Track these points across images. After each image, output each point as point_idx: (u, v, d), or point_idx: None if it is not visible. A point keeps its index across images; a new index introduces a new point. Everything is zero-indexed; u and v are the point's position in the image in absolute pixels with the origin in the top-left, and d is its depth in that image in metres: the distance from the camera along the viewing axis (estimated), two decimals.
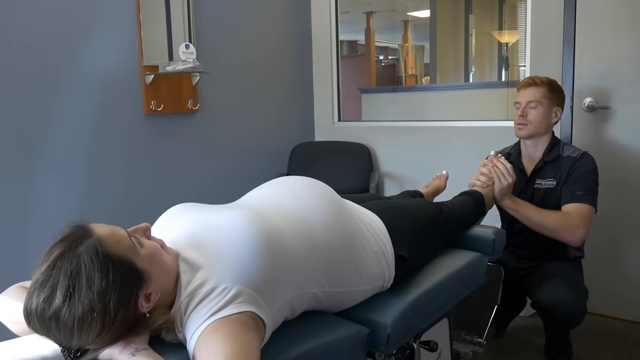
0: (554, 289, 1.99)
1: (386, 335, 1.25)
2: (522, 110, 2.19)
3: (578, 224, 2.04)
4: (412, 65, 6.72)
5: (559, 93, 2.21)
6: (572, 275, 2.12)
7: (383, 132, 3.34)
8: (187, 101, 2.72)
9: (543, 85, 2.17)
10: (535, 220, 2.07)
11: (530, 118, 2.17)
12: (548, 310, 1.99)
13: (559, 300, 1.94)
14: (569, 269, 2.15)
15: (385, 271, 1.36)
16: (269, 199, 1.30)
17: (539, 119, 2.17)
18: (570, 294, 1.96)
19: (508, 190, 2.06)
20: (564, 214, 2.08)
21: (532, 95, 2.17)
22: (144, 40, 2.50)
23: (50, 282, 0.87)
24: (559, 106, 2.20)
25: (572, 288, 2.01)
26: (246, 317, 0.97)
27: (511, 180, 2.04)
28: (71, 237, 0.91)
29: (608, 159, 2.51)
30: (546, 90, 2.17)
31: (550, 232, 2.07)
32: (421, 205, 1.68)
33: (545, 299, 1.98)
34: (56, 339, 0.90)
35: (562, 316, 1.96)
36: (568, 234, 2.06)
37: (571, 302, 1.95)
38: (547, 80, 2.19)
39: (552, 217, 2.07)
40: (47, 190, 2.21)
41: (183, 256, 1.07)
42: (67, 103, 2.26)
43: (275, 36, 3.29)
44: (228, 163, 3.00)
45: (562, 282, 2.03)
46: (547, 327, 2.23)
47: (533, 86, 2.18)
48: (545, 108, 2.17)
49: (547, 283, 2.04)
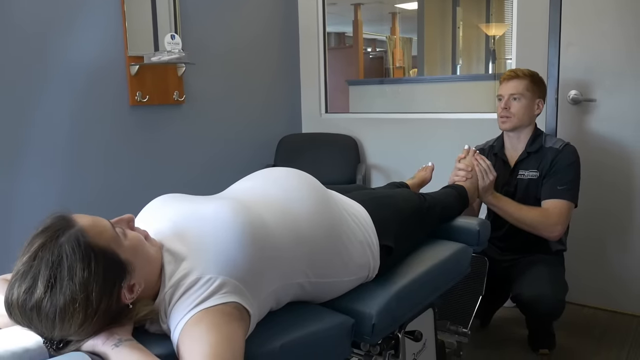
0: (533, 283, 2.03)
1: (371, 325, 1.26)
2: (505, 103, 2.20)
3: (556, 222, 2.08)
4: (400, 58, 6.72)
5: (540, 85, 2.23)
6: (553, 269, 2.15)
7: (370, 124, 3.34)
8: (173, 92, 2.70)
9: (525, 78, 2.19)
10: (515, 217, 2.11)
11: (513, 110, 2.19)
12: (527, 304, 2.02)
13: (538, 294, 1.98)
14: (550, 262, 2.18)
15: (370, 261, 1.37)
16: (254, 190, 1.30)
17: (522, 111, 2.18)
18: (549, 289, 2.00)
19: (490, 186, 2.08)
20: (542, 211, 2.11)
21: (514, 87, 2.19)
22: (128, 30, 2.48)
23: (31, 272, 0.86)
24: (541, 98, 2.22)
25: (552, 282, 2.04)
26: (230, 308, 0.97)
27: (492, 178, 2.07)
28: (53, 227, 0.90)
29: (592, 152, 2.54)
30: (528, 83, 2.18)
31: (529, 228, 2.11)
32: (405, 195, 1.68)
33: (525, 293, 2.01)
34: (38, 330, 0.89)
35: (541, 310, 2.00)
36: (546, 231, 2.11)
37: (549, 296, 1.98)
38: (529, 73, 2.21)
39: (531, 214, 2.10)
40: (28, 183, 2.18)
41: (167, 247, 1.06)
42: (49, 93, 2.23)
43: (262, 28, 3.27)
44: (214, 155, 2.99)
45: (541, 276, 2.06)
46: (529, 319, 2.27)
47: (515, 79, 2.20)
48: (528, 100, 2.19)
49: (527, 277, 2.07)
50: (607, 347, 2.30)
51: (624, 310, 2.62)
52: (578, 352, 2.27)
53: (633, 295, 2.60)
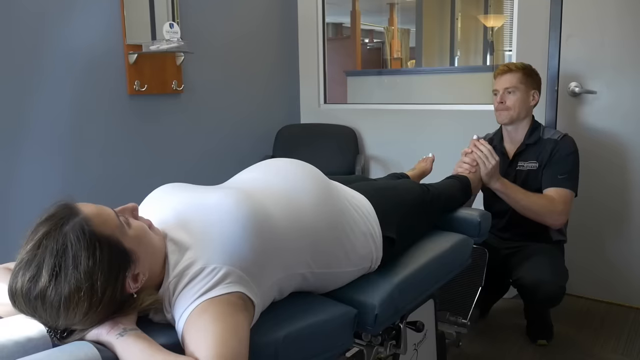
0: (534, 268, 2.05)
1: (374, 315, 1.26)
2: (501, 97, 2.23)
3: (562, 210, 2.10)
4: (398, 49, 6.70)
5: (534, 76, 2.25)
6: (554, 256, 2.18)
7: (369, 115, 3.33)
8: (172, 81, 2.68)
9: (518, 71, 2.21)
10: (523, 204, 2.11)
11: (509, 104, 2.21)
12: (527, 288, 2.04)
13: (538, 279, 2.00)
14: (551, 251, 2.20)
15: (373, 252, 1.37)
16: (257, 180, 1.29)
17: (518, 104, 2.21)
18: (549, 274, 2.02)
19: (494, 171, 2.08)
20: (550, 199, 2.11)
21: (508, 81, 2.21)
22: (126, 18, 2.45)
23: (35, 261, 0.86)
24: (535, 89, 2.24)
25: (552, 268, 2.07)
26: (235, 298, 0.97)
27: (494, 162, 2.06)
28: (57, 215, 0.89)
29: (591, 143, 2.55)
30: (521, 75, 2.20)
31: (534, 215, 2.11)
32: (408, 187, 1.68)
33: (525, 278, 2.03)
34: (42, 319, 0.88)
35: (540, 295, 2.01)
36: (552, 218, 2.12)
37: (550, 282, 2.00)
38: (522, 66, 2.23)
39: (540, 201, 2.11)
40: (27, 172, 2.17)
41: (171, 236, 1.06)
42: (48, 81, 2.21)
43: (261, 17, 3.25)
44: (213, 145, 2.97)
45: (543, 262, 2.08)
46: (528, 308, 2.28)
47: (508, 73, 2.22)
48: (522, 92, 2.21)
49: (527, 262, 2.10)
50: (605, 338, 2.32)
51: (621, 302, 2.64)
52: (576, 342, 2.28)
53: (631, 287, 2.61)
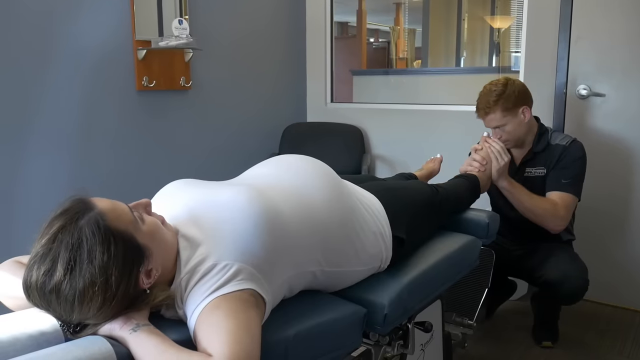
0: (558, 264, 2.07)
1: (383, 315, 1.26)
2: (495, 134, 2.16)
3: (563, 215, 2.10)
4: (404, 49, 6.69)
5: (514, 97, 2.10)
6: (571, 253, 2.19)
7: (375, 115, 3.33)
8: (180, 78, 2.68)
9: (496, 106, 2.10)
10: (526, 205, 2.10)
11: (506, 136, 2.15)
12: (554, 284, 2.04)
13: (565, 274, 2.02)
14: (565, 248, 2.21)
15: (382, 252, 1.36)
16: (268, 177, 1.28)
17: (514, 131, 2.15)
18: (574, 269, 2.05)
19: (505, 169, 2.07)
20: (553, 203, 2.11)
21: (493, 121, 2.14)
22: (136, 14, 2.45)
23: (50, 255, 0.86)
24: (523, 105, 2.13)
25: (575, 264, 2.09)
26: (247, 295, 0.97)
27: (507, 159, 2.06)
28: (72, 210, 0.89)
29: (600, 146, 2.54)
30: (501, 110, 2.10)
31: (536, 217, 2.11)
32: (418, 187, 1.67)
33: (551, 274, 2.05)
34: (56, 313, 0.88)
35: (567, 289, 2.03)
36: (553, 223, 2.12)
37: (576, 276, 2.03)
38: (496, 96, 2.09)
39: (543, 205, 2.11)
40: (35, 167, 2.17)
41: (183, 232, 1.05)
42: (57, 77, 2.21)
43: (270, 16, 3.24)
44: (220, 142, 2.97)
45: (564, 258, 2.10)
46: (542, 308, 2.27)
47: (489, 114, 2.12)
48: (512, 121, 2.12)
49: (550, 260, 2.11)
50: (610, 341, 2.31)
51: (626, 306, 2.63)
52: (581, 345, 2.28)
53: (636, 291, 2.60)
